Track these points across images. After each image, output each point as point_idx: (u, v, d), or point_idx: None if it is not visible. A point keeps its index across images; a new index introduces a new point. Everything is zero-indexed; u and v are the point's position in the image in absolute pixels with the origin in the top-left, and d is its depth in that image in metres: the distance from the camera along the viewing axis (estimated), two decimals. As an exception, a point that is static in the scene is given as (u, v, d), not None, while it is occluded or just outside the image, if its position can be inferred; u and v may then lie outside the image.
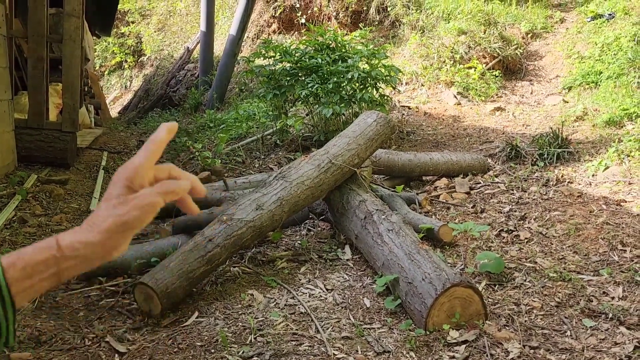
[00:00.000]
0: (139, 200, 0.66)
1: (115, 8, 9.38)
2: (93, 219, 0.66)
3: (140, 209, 0.65)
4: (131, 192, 0.67)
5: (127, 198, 0.66)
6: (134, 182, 0.67)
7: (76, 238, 0.64)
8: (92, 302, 2.88)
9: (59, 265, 0.63)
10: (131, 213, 0.65)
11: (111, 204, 0.66)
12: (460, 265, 3.23)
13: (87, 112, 8.23)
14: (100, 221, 0.65)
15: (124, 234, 0.65)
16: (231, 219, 3.03)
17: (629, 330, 2.37)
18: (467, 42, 8.14)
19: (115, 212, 0.65)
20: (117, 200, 0.66)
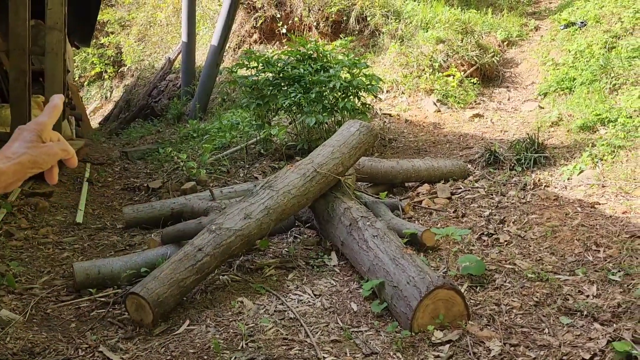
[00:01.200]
0: (47, 148, 0.87)
1: (95, 19, 9.36)
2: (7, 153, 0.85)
3: (48, 155, 0.87)
4: (40, 141, 0.87)
5: (39, 144, 0.87)
6: (42, 134, 0.88)
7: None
8: (83, 314, 2.92)
9: None
10: (41, 156, 0.86)
11: (25, 145, 0.86)
12: (443, 268, 3.33)
13: (68, 123, 8.20)
14: (15, 156, 0.84)
15: (31, 170, 0.86)
16: (220, 228, 3.10)
17: (602, 326, 2.49)
18: (446, 51, 8.33)
19: (29, 151, 0.85)
20: (31, 143, 0.86)
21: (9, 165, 0.83)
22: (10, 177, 0.84)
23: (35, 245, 3.88)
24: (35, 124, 0.88)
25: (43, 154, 0.86)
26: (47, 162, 0.87)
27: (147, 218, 4.42)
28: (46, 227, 4.26)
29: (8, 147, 0.86)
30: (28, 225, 4.23)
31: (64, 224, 4.46)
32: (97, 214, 4.89)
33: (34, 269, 3.48)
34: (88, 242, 4.11)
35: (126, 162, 7.14)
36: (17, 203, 4.58)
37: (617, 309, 2.63)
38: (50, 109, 0.91)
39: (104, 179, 6.16)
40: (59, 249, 3.91)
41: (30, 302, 2.97)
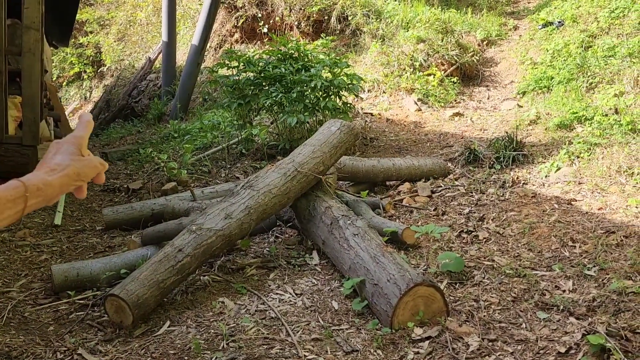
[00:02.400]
0: (89, 161, 0.89)
1: (74, 18, 9.24)
2: (52, 165, 0.85)
3: (90, 167, 0.89)
4: (80, 154, 0.89)
5: (81, 157, 0.88)
6: (82, 148, 0.90)
7: (41, 180, 0.82)
8: (61, 316, 2.89)
9: (25, 203, 0.80)
10: (84, 169, 0.87)
11: (69, 157, 0.86)
12: (423, 265, 3.37)
13: (46, 124, 8.07)
14: (60, 167, 0.85)
15: (75, 182, 0.86)
16: (200, 228, 3.09)
17: (578, 320, 2.54)
18: (426, 50, 8.40)
19: (73, 163, 0.86)
20: (75, 156, 0.87)
21: (56, 177, 0.83)
22: (57, 190, 0.84)
23: (13, 247, 3.83)
24: (74, 138, 0.89)
25: (86, 166, 0.87)
26: (89, 175, 0.88)
27: (127, 219, 4.39)
28: (24, 229, 4.20)
29: (50, 159, 0.86)
30: (5, 228, 4.16)
31: (42, 226, 4.40)
32: (76, 215, 4.84)
33: (11, 272, 3.43)
34: (67, 244, 4.06)
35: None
36: (-7, 205, 4.50)
37: (592, 303, 2.68)
38: (85, 123, 0.93)
39: (83, 180, 6.08)
40: (37, 251, 3.85)
41: (7, 306, 2.93)
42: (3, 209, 0.78)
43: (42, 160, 0.87)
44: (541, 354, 2.34)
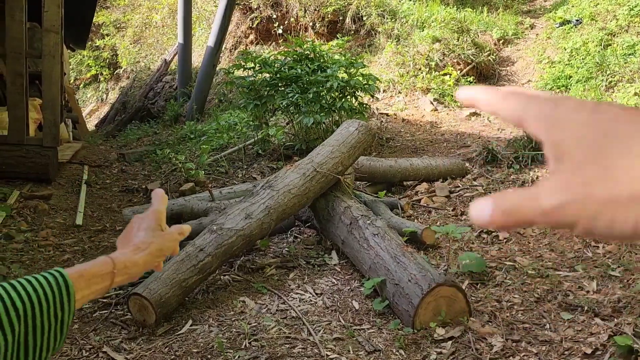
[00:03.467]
0: (170, 235, 0.90)
1: (90, 21, 9.36)
2: (137, 243, 0.86)
3: (171, 241, 0.89)
4: (161, 229, 0.90)
5: (162, 232, 0.89)
6: (160, 222, 0.90)
7: (128, 258, 0.84)
8: (85, 315, 2.92)
9: (112, 280, 0.81)
10: (166, 243, 0.88)
11: (151, 234, 0.87)
12: (443, 266, 3.35)
13: (65, 126, 8.19)
14: (145, 245, 0.86)
15: (158, 257, 0.87)
16: (221, 228, 3.10)
17: (604, 321, 2.51)
18: (442, 50, 8.36)
19: (156, 240, 0.87)
20: (156, 232, 0.88)
21: (141, 256, 0.85)
22: (141, 268, 0.86)
23: (36, 247, 3.88)
24: (153, 213, 0.91)
25: (167, 241, 0.89)
26: (170, 249, 0.90)
27: (147, 219, 4.42)
28: (46, 229, 4.25)
29: (134, 235, 0.88)
30: (28, 228, 4.23)
31: (64, 226, 4.46)
32: (97, 216, 4.89)
33: (34, 271, 3.47)
34: (88, 244, 4.10)
35: (124, 164, 7.14)
36: (16, 206, 4.57)
37: (618, 303, 2.65)
38: (160, 197, 0.94)
39: (102, 181, 6.15)
40: (60, 251, 3.90)
41: (32, 304, 2.96)
42: (91, 284, 0.79)
43: (125, 235, 0.89)
44: (566, 355, 2.32)
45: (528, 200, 0.35)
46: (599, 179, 0.32)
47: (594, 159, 0.33)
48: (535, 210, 0.34)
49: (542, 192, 0.34)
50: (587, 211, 0.32)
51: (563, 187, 0.34)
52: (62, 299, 0.76)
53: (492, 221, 0.36)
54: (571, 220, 0.33)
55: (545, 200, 0.34)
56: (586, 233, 0.34)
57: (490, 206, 0.36)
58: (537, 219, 0.34)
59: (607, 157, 0.32)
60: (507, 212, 0.35)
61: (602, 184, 0.32)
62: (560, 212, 0.33)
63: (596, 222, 0.32)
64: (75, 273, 0.78)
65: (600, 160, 0.33)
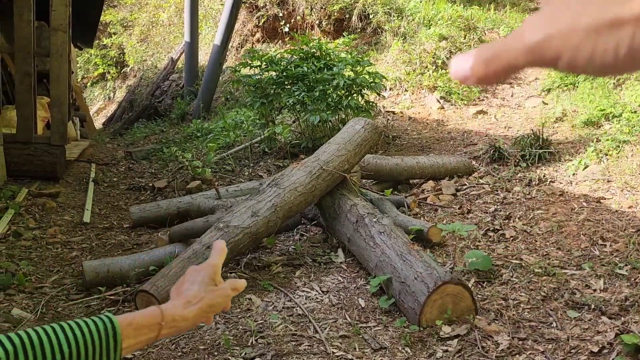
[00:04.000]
0: (222, 290, 0.88)
1: (98, 20, 9.40)
2: (189, 297, 0.84)
3: (223, 297, 0.87)
4: (214, 284, 0.87)
5: (213, 288, 0.87)
6: (215, 277, 0.89)
7: (177, 312, 0.82)
8: (93, 312, 2.94)
9: (159, 331, 0.80)
10: (217, 299, 0.86)
11: (204, 288, 0.86)
12: (449, 264, 3.35)
13: (73, 124, 8.23)
14: (196, 300, 0.84)
15: (209, 313, 0.85)
16: (228, 226, 3.12)
17: (610, 320, 2.50)
18: (448, 48, 8.33)
19: (208, 295, 0.85)
20: (209, 287, 0.86)
21: (191, 310, 0.83)
22: (189, 323, 0.84)
23: (44, 245, 3.91)
24: (209, 267, 0.89)
25: (218, 297, 0.87)
26: (221, 305, 0.87)
27: (154, 217, 4.45)
28: (54, 227, 4.29)
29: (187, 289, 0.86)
30: (36, 225, 4.26)
31: (72, 223, 4.49)
32: (104, 213, 4.92)
33: (43, 268, 3.51)
34: (96, 242, 4.13)
35: (131, 162, 7.17)
36: (24, 204, 4.61)
37: (625, 302, 2.64)
38: (219, 251, 0.94)
39: (109, 179, 6.19)
40: (68, 248, 3.93)
41: (41, 301, 2.99)
42: (138, 334, 0.78)
43: (178, 286, 0.88)
44: (573, 353, 2.31)
45: (511, 40, 0.35)
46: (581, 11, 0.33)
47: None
48: (519, 49, 0.34)
49: (526, 30, 0.34)
50: (570, 42, 0.33)
51: (548, 22, 0.34)
52: (109, 346, 0.75)
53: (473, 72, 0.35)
54: (554, 54, 0.33)
55: (529, 36, 0.34)
56: (570, 67, 0.34)
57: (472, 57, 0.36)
58: (520, 59, 0.34)
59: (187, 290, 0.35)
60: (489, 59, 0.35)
61: (585, 14, 0.33)
62: (545, 46, 0.33)
63: (579, 53, 0.33)
64: (124, 321, 0.77)
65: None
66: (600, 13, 0.32)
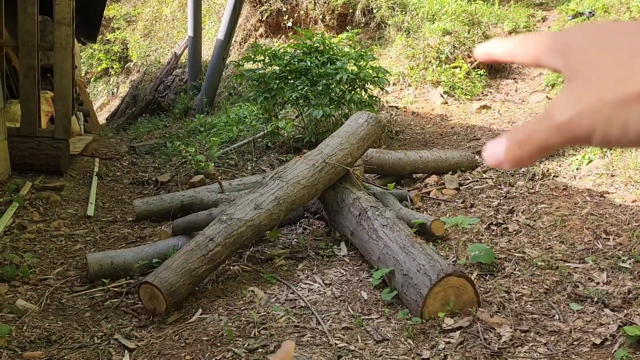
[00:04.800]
0: None
1: (101, 15, 9.40)
2: None
3: None
4: None
5: None
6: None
7: None
8: (97, 303, 2.96)
9: None
10: None
11: None
12: (452, 257, 3.35)
13: (76, 119, 8.25)
14: None
15: None
16: (231, 218, 3.12)
17: (613, 312, 2.50)
18: (452, 42, 8.31)
19: None
20: None
21: None
22: None
23: (48, 237, 3.93)
24: None
25: None
26: None
27: (157, 211, 4.46)
28: (58, 220, 4.30)
29: None
30: (40, 218, 4.28)
31: (75, 217, 4.51)
32: (108, 207, 4.94)
33: (47, 261, 3.52)
34: (99, 235, 4.15)
35: (134, 157, 7.19)
36: (28, 197, 4.63)
37: (628, 295, 2.64)
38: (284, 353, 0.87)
39: (112, 174, 6.20)
40: (71, 241, 3.95)
41: (45, 292, 3.01)
42: None
43: None
44: (575, 345, 2.31)
45: (541, 121, 0.35)
46: (610, 85, 0.33)
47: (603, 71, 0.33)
48: (550, 129, 0.34)
49: (555, 109, 0.34)
50: (600, 118, 0.33)
51: (575, 99, 0.34)
52: None
53: (508, 156, 0.36)
54: (587, 131, 0.33)
55: (559, 115, 0.34)
56: (604, 142, 0.33)
57: (504, 142, 0.36)
58: (552, 139, 0.34)
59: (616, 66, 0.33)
60: (522, 141, 0.35)
61: (612, 89, 0.32)
62: (575, 124, 0.33)
63: (611, 128, 0.32)
64: None
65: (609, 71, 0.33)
66: (626, 86, 0.32)
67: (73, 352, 2.38)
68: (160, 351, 2.40)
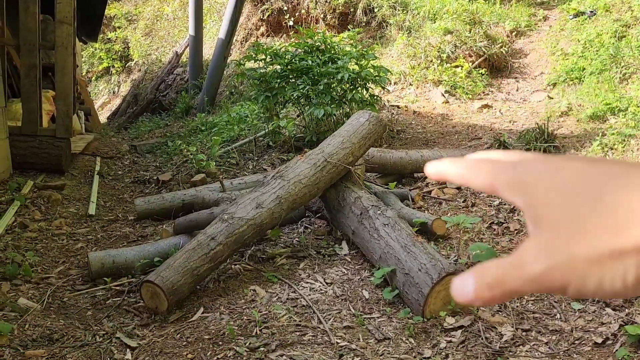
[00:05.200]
0: None
1: (102, 14, 9.40)
2: None
3: None
4: None
5: None
6: None
7: None
8: (98, 302, 2.96)
9: None
10: None
11: None
12: (453, 256, 3.35)
13: (78, 118, 8.26)
14: None
15: None
16: (232, 217, 3.13)
17: (615, 311, 2.50)
18: (453, 42, 8.30)
19: None
20: None
21: None
22: None
23: (50, 236, 3.93)
24: None
25: None
26: None
27: (159, 209, 4.46)
28: (59, 218, 4.31)
29: None
30: (42, 217, 4.29)
31: (77, 215, 4.51)
32: (109, 206, 4.94)
33: (49, 259, 3.53)
34: (101, 234, 4.15)
35: (135, 156, 7.20)
36: (30, 196, 4.64)
37: (629, 294, 2.64)
38: None
39: (114, 172, 6.21)
40: (73, 240, 3.96)
41: (47, 291, 3.02)
42: None
43: None
44: (577, 344, 2.31)
45: (512, 269, 0.34)
46: (578, 239, 0.32)
47: (570, 219, 0.32)
48: (523, 279, 0.33)
49: (526, 259, 0.33)
50: (575, 274, 0.32)
51: (546, 251, 0.33)
52: None
53: (477, 297, 0.34)
54: (561, 284, 0.32)
55: (531, 267, 0.33)
56: (579, 294, 0.33)
57: (472, 281, 0.35)
58: (525, 288, 0.33)
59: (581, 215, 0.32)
60: (491, 285, 0.34)
61: (582, 244, 0.32)
62: (549, 277, 0.32)
63: (585, 283, 0.32)
64: None
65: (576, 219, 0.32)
66: (598, 242, 0.31)
67: (75, 351, 2.39)
68: (162, 350, 2.40)
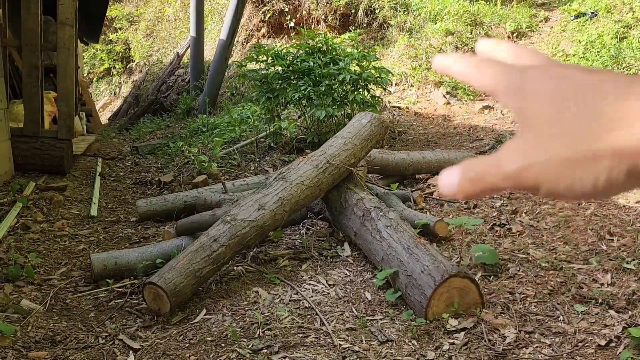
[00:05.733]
0: None
1: (104, 15, 9.41)
2: None
3: None
4: None
5: None
6: None
7: None
8: (101, 303, 2.97)
9: None
10: None
11: None
12: (456, 258, 3.35)
13: (79, 119, 8.26)
14: None
15: None
16: (235, 219, 3.13)
17: (618, 313, 2.50)
18: (455, 43, 8.31)
19: None
20: None
21: None
22: None
23: (52, 237, 3.94)
24: None
25: None
26: None
27: (160, 211, 4.46)
28: (61, 220, 4.31)
29: None
30: (44, 219, 4.29)
31: (79, 217, 4.51)
32: (111, 207, 4.94)
33: (51, 261, 3.53)
34: (103, 235, 4.16)
35: (137, 157, 7.20)
36: (32, 197, 4.64)
37: (632, 296, 2.63)
38: None
39: (115, 174, 6.21)
40: (75, 241, 3.96)
41: (50, 293, 3.02)
42: None
43: None
44: (580, 346, 2.31)
45: (491, 166, 0.36)
46: (558, 142, 0.34)
47: (555, 124, 0.34)
48: (498, 176, 0.36)
49: (503, 158, 0.36)
50: (548, 174, 0.34)
51: (523, 151, 0.35)
52: None
53: (460, 190, 0.37)
54: (533, 184, 0.35)
55: (507, 165, 0.35)
56: (549, 194, 0.35)
57: (458, 175, 0.37)
58: (500, 184, 0.36)
59: (567, 121, 0.34)
60: (473, 180, 0.37)
61: (561, 147, 0.33)
62: (522, 176, 0.35)
63: (557, 183, 0.34)
64: None
65: (560, 125, 0.34)
66: (577, 145, 0.33)
67: (78, 353, 2.39)
68: (164, 351, 2.40)
